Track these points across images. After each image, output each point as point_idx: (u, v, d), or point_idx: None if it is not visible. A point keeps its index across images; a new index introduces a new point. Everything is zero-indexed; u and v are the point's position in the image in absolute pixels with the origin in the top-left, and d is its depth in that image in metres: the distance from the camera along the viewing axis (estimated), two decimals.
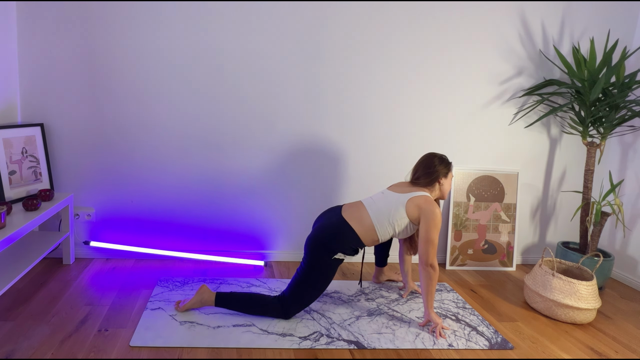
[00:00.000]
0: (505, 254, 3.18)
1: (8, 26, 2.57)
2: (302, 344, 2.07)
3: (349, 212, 2.30)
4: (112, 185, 2.87)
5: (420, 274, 2.23)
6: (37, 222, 2.33)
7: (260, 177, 2.96)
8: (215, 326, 2.15)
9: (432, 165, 2.34)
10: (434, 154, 2.40)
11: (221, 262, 2.96)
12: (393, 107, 2.98)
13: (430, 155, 2.40)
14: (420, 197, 2.25)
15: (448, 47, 2.94)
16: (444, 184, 2.36)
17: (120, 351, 1.94)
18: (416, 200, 2.24)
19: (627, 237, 3.08)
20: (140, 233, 2.94)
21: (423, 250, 2.20)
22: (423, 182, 2.34)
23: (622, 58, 2.70)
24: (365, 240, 2.27)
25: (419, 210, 2.23)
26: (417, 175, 2.38)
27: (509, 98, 3.08)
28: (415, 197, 2.25)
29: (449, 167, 2.38)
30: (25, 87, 2.70)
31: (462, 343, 2.15)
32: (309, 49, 2.83)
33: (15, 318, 2.15)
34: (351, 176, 3.04)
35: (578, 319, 2.40)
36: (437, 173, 2.34)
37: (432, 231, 2.18)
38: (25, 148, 2.60)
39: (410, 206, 2.24)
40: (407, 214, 2.25)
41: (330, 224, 2.27)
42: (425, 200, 2.24)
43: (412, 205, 2.24)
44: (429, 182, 2.34)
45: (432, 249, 2.19)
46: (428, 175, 2.33)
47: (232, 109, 2.85)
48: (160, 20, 2.69)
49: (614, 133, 3.13)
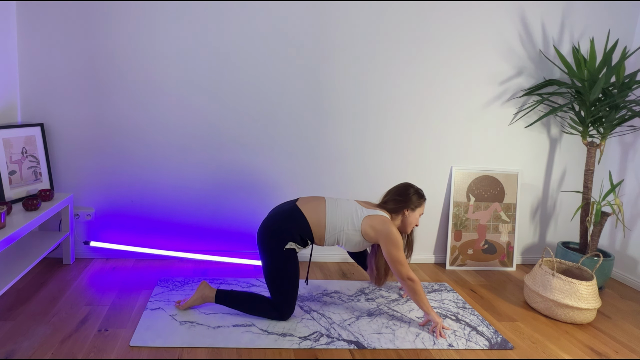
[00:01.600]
0: (505, 254, 3.18)
1: (8, 26, 2.57)
2: (302, 344, 2.07)
3: (304, 201, 2.29)
4: (112, 185, 2.87)
5: (404, 289, 2.23)
6: (37, 222, 2.33)
7: (261, 176, 2.96)
8: (215, 326, 2.15)
9: (406, 194, 2.31)
10: (412, 185, 2.37)
11: (221, 262, 2.96)
12: (393, 107, 2.98)
13: (408, 184, 2.37)
14: (377, 217, 2.22)
15: (448, 47, 2.94)
16: (409, 216, 2.32)
17: (120, 351, 1.94)
18: (372, 220, 2.21)
19: (627, 237, 3.08)
20: (140, 233, 2.94)
21: (395, 270, 2.19)
22: (390, 207, 2.31)
23: (622, 58, 2.70)
24: (314, 232, 2.22)
25: (375, 232, 2.20)
26: (386, 199, 2.35)
27: (509, 98, 3.08)
28: (372, 215, 2.22)
29: (421, 202, 2.34)
30: (25, 87, 2.70)
31: (462, 343, 2.15)
32: (310, 49, 2.83)
33: (15, 318, 2.15)
34: (351, 176, 3.04)
35: (578, 319, 2.40)
36: (408, 202, 2.30)
37: (394, 251, 2.16)
38: (25, 148, 2.60)
39: (365, 225, 2.21)
40: (362, 230, 2.22)
41: (281, 211, 2.26)
42: (380, 221, 2.20)
43: (366, 225, 2.20)
44: (396, 209, 2.30)
45: (402, 266, 2.17)
46: (397, 202, 2.30)
47: (232, 108, 2.85)
48: (160, 20, 2.69)
49: (614, 133, 3.13)
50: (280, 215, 2.24)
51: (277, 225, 2.21)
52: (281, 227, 2.19)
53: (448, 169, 3.12)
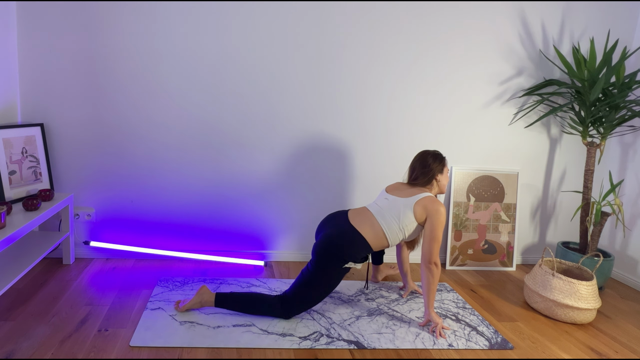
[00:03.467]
0: (505, 254, 3.18)
1: (8, 26, 2.57)
2: (302, 344, 2.07)
3: (357, 219, 2.29)
4: (112, 185, 2.87)
5: (423, 273, 2.23)
6: (37, 222, 2.33)
7: (261, 177, 2.96)
8: (215, 326, 2.15)
9: (426, 164, 2.37)
10: (427, 151, 2.42)
11: (221, 262, 2.95)
12: (393, 107, 2.98)
13: (424, 153, 2.42)
14: (425, 198, 2.27)
15: (448, 47, 2.94)
16: (441, 179, 2.40)
17: (120, 351, 1.94)
18: (422, 202, 2.26)
19: (627, 237, 3.08)
20: (140, 233, 2.94)
21: (427, 248, 2.21)
22: (421, 182, 2.37)
23: (622, 58, 2.70)
24: (374, 246, 2.27)
25: (426, 211, 2.25)
26: (414, 175, 2.40)
27: (509, 98, 3.08)
28: (421, 199, 2.27)
29: (444, 162, 2.41)
30: (25, 87, 2.70)
31: (462, 343, 2.15)
32: (310, 49, 2.83)
33: (15, 318, 2.15)
34: (351, 176, 3.04)
35: (578, 319, 2.40)
36: (433, 171, 2.37)
37: (438, 229, 2.21)
38: (25, 148, 2.60)
39: (417, 209, 2.26)
40: (416, 217, 2.26)
41: (340, 232, 2.25)
42: (430, 201, 2.26)
43: (419, 208, 2.25)
44: (427, 180, 2.37)
45: (437, 246, 2.21)
46: (425, 175, 2.37)
47: (233, 109, 2.85)
48: (160, 20, 2.69)
49: (614, 133, 3.13)
50: (342, 238, 2.23)
51: (339, 248, 2.20)
52: (343, 249, 2.20)
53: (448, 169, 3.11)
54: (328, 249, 2.20)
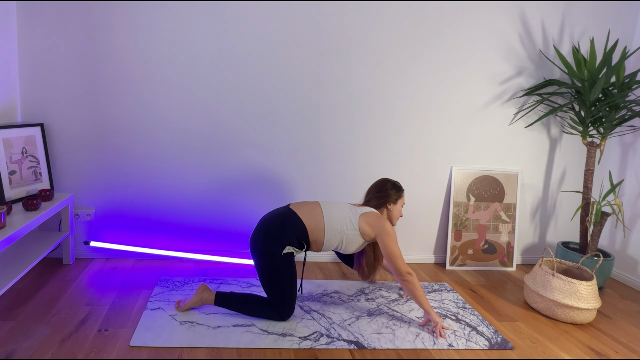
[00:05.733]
0: (505, 254, 3.18)
1: (8, 26, 2.57)
2: (302, 344, 2.07)
3: (298, 205, 2.31)
4: (112, 185, 2.87)
5: (403, 286, 2.23)
6: (37, 222, 2.33)
7: (261, 176, 2.96)
8: (215, 326, 2.15)
9: (384, 189, 2.42)
10: (388, 179, 2.48)
11: (221, 262, 2.96)
12: (392, 107, 2.98)
13: (385, 180, 2.47)
14: (370, 213, 2.30)
15: (448, 47, 2.94)
16: (393, 210, 2.42)
17: (120, 351, 1.94)
18: (367, 217, 2.28)
19: (627, 237, 3.08)
20: (140, 233, 2.94)
21: (393, 266, 2.22)
22: (372, 204, 2.41)
23: (622, 58, 2.70)
24: (311, 235, 2.24)
25: (371, 228, 2.26)
26: (368, 197, 2.45)
27: (509, 98, 3.08)
28: (366, 213, 2.30)
29: (400, 194, 2.44)
30: (25, 87, 2.70)
31: (462, 343, 2.15)
32: (309, 49, 2.83)
33: (15, 318, 2.15)
34: (352, 176, 3.04)
35: (578, 319, 2.40)
36: (388, 197, 2.40)
37: (391, 245, 2.21)
38: (25, 148, 2.60)
39: (362, 223, 2.26)
40: (360, 230, 2.26)
41: (275, 215, 2.27)
42: (375, 217, 2.29)
43: (364, 223, 2.26)
44: (378, 205, 2.41)
45: (399, 260, 2.21)
46: (378, 199, 2.41)
47: (232, 109, 2.85)
48: (160, 20, 2.69)
49: (614, 133, 3.13)
50: (276, 220, 2.24)
51: (274, 230, 2.20)
52: (279, 231, 2.19)
53: (448, 169, 3.12)
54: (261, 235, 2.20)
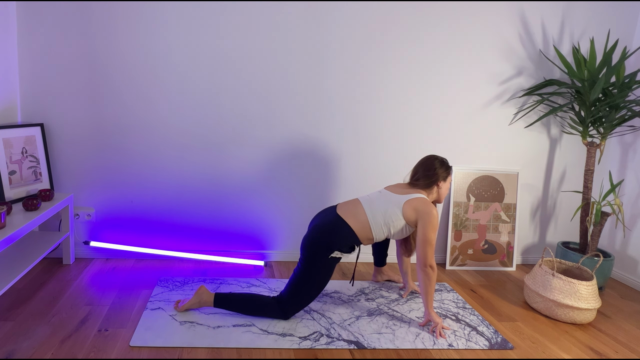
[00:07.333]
0: (505, 254, 3.18)
1: (8, 26, 2.57)
2: (302, 344, 2.07)
3: (344, 208, 2.30)
4: (112, 185, 2.87)
5: (419, 276, 2.22)
6: (37, 222, 2.33)
7: (261, 176, 2.96)
8: (215, 326, 2.15)
9: (432, 168, 2.34)
10: (435, 156, 2.39)
11: (221, 262, 2.96)
12: (393, 107, 2.98)
13: (432, 157, 2.39)
14: (417, 199, 2.25)
15: (448, 47, 2.94)
16: (442, 187, 2.36)
17: (120, 351, 1.94)
18: (413, 202, 2.24)
19: (627, 237, 3.08)
20: (140, 233, 2.94)
21: (421, 252, 2.19)
22: (422, 184, 2.34)
23: (622, 58, 2.70)
24: (360, 236, 2.26)
25: (416, 213, 2.22)
26: (416, 176, 2.37)
27: (509, 98, 3.08)
28: (412, 199, 2.25)
29: (449, 171, 2.38)
30: (25, 87, 2.70)
31: (462, 343, 2.15)
32: (309, 49, 2.83)
33: (15, 318, 2.15)
34: (352, 176, 3.04)
35: (578, 319, 2.40)
36: (437, 176, 2.33)
37: (430, 232, 2.18)
38: (25, 148, 2.60)
39: (407, 209, 2.23)
40: (404, 216, 2.24)
41: (325, 222, 2.26)
42: (422, 202, 2.23)
43: (409, 208, 2.23)
44: (428, 184, 2.33)
45: (430, 250, 2.19)
46: (427, 178, 2.33)
47: (232, 108, 2.85)
48: (160, 20, 2.69)
49: (614, 133, 3.13)
50: (326, 228, 2.24)
51: (324, 238, 2.20)
52: (328, 240, 2.20)
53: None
54: (312, 239, 2.21)
